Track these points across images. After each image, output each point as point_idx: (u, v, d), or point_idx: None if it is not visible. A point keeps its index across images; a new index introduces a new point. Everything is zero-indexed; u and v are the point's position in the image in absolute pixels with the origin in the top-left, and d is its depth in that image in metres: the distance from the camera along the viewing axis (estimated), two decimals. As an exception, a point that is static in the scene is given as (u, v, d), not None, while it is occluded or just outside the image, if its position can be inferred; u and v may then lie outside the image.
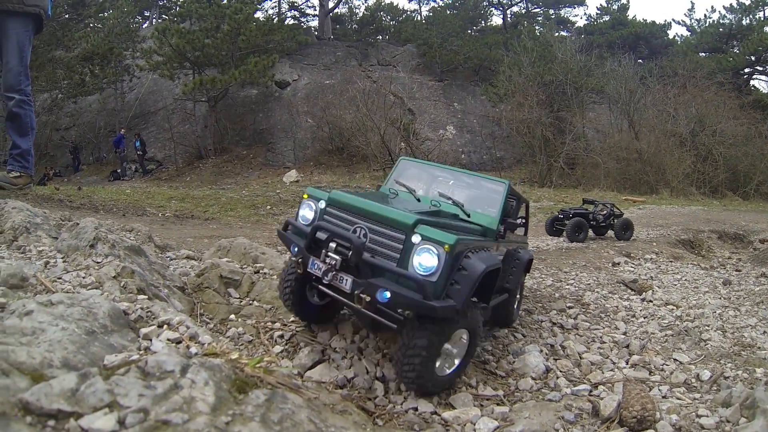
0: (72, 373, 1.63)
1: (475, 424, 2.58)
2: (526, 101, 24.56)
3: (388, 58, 32.45)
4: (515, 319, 4.53)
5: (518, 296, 4.49)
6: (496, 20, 41.57)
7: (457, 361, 2.93)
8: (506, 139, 27.55)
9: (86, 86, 24.57)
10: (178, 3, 32.08)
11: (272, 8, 38.08)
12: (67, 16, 23.12)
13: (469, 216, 3.55)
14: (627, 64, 26.89)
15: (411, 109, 27.40)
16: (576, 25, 42.62)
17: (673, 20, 63.27)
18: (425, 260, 2.58)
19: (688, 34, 39.66)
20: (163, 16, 35.94)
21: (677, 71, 27.31)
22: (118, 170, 23.72)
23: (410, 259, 2.63)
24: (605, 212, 10.88)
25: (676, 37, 40.85)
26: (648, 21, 40.19)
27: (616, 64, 27.13)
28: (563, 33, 38.47)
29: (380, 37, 37.40)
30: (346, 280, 2.65)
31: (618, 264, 7.68)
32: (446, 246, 2.54)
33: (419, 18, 40.47)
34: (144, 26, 35.65)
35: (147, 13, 40.03)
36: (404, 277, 2.56)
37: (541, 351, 3.89)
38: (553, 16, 41.67)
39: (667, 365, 3.83)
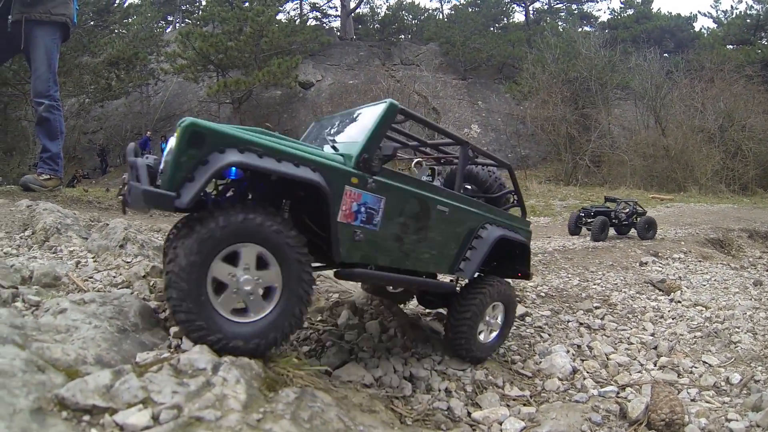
0: (106, 369, 1.67)
1: (502, 424, 2.57)
2: (551, 98, 24.33)
3: (411, 58, 32.47)
4: (482, 352, 3.32)
5: (487, 303, 3.27)
6: (519, 17, 41.34)
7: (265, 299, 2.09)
8: (531, 137, 27.34)
9: (112, 90, 25.07)
10: (201, 7, 32.62)
11: (294, 10, 38.47)
12: (92, 23, 23.62)
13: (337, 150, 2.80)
14: (652, 59, 26.42)
15: (435, 108, 27.36)
16: (599, 20, 42.04)
17: (699, 12, 61.72)
18: (168, 151, 2.11)
19: (715, 26, 38.78)
20: (186, 20, 36.51)
21: (704, 65, 26.72)
22: (145, 172, 24.11)
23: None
24: (627, 210, 10.69)
25: (703, 30, 40.01)
26: (673, 14, 39.54)
27: (642, 58, 26.66)
28: (587, 28, 38.03)
29: (402, 36, 37.46)
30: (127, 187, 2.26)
31: (645, 263, 7.56)
32: (178, 130, 2.00)
33: (441, 16, 40.42)
34: (168, 31, 36.22)
35: (170, 18, 40.66)
36: (137, 168, 2.16)
37: (568, 351, 3.85)
38: (576, 12, 41.17)
39: (696, 368, 3.75)
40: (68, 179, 20.42)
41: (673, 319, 5.01)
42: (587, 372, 3.54)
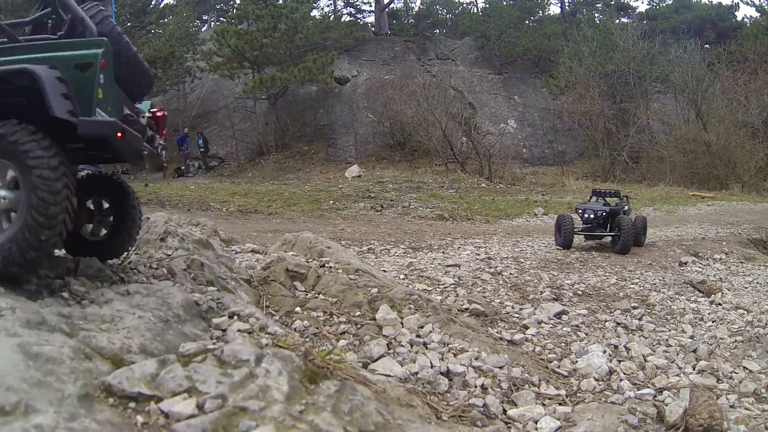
0: (151, 359, 1.73)
1: (537, 423, 2.55)
2: (588, 93, 23.84)
3: (446, 52, 32.29)
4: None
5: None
6: (554, 9, 40.51)
7: None
8: (568, 132, 26.84)
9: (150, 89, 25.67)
10: (235, 5, 33.11)
11: (328, 6, 38.64)
12: (129, 24, 24.23)
13: None
14: (693, 50, 25.53)
15: (471, 103, 27.13)
16: (637, 11, 40.78)
17: (741, 0, 59.14)
18: None
19: (758, 15, 36.91)
20: (221, 18, 37.08)
21: (747, 56, 25.63)
22: (182, 167, 24.66)
23: None
24: (626, 208, 8.69)
25: (745, 19, 38.19)
26: (714, 2, 37.99)
27: (682, 50, 25.78)
28: (624, 20, 36.99)
29: (437, 30, 37.29)
30: None
31: (685, 264, 7.37)
32: None
33: (476, 10, 39.98)
34: (203, 29, 36.83)
35: (205, 17, 41.34)
36: None
37: (605, 351, 3.79)
38: (612, 3, 40.09)
39: (736, 373, 3.65)
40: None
41: (713, 321, 4.88)
42: (624, 373, 3.48)
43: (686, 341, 4.27)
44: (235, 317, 2.40)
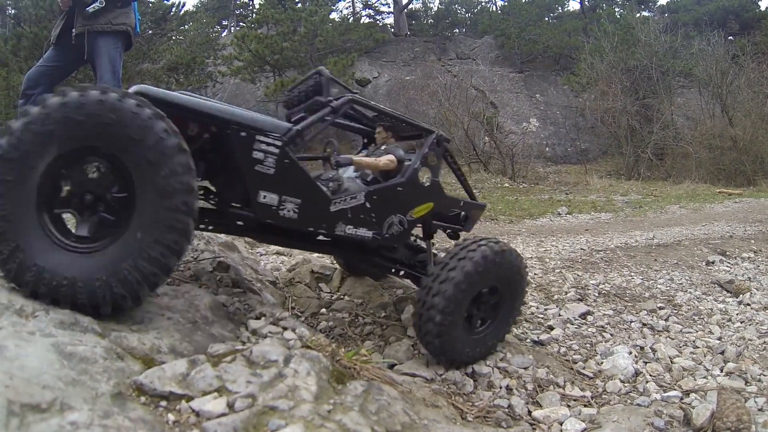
0: (182, 359, 1.77)
1: (562, 425, 2.54)
2: (610, 89, 23.49)
3: (466, 52, 32.17)
4: None
5: None
6: (574, 5, 40.19)
7: None
8: (591, 130, 26.50)
9: (173, 95, 26.11)
10: (255, 10, 33.46)
11: (347, 8, 38.84)
12: (150, 31, 24.67)
13: None
14: (717, 43, 24.93)
15: (493, 102, 26.97)
16: (658, 4, 40.02)
17: (766, -9, 57.84)
18: None
19: (783, 3, 36.14)
20: (241, 23, 37.46)
21: (772, 47, 25.07)
22: (205, 170, 25.00)
23: None
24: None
25: (769, 8, 37.33)
26: (736, -8, 37.18)
27: (705, 43, 25.21)
28: (645, 13, 36.32)
29: (457, 30, 37.25)
30: None
31: (712, 263, 7.22)
32: None
33: (495, 8, 39.79)
34: (223, 35, 37.26)
35: (225, 22, 41.85)
36: None
37: (630, 353, 3.75)
38: (633, -4, 39.56)
39: (764, 375, 3.57)
40: (134, 178, 21.42)
41: (741, 322, 4.78)
42: (650, 375, 3.44)
43: (714, 342, 4.20)
44: (262, 318, 2.44)
